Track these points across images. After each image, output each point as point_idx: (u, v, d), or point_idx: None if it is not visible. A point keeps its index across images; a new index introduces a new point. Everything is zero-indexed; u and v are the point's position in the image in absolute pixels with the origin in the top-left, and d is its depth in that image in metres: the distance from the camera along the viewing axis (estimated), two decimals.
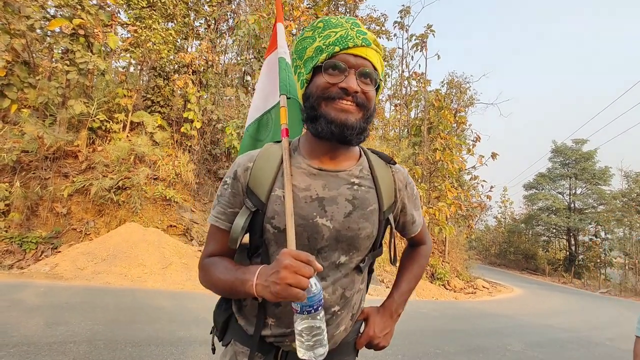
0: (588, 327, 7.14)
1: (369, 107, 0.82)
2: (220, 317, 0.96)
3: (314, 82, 0.82)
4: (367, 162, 0.93)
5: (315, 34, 0.82)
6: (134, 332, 3.53)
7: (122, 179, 8.38)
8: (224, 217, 0.88)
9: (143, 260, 6.74)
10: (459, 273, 14.43)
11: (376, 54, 0.82)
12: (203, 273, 0.89)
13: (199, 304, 5.17)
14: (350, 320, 0.93)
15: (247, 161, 0.89)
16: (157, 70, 10.69)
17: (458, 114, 17.58)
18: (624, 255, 22.66)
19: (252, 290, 0.73)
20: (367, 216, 0.86)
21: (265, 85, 1.41)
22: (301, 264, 0.67)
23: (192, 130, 9.97)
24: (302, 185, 0.84)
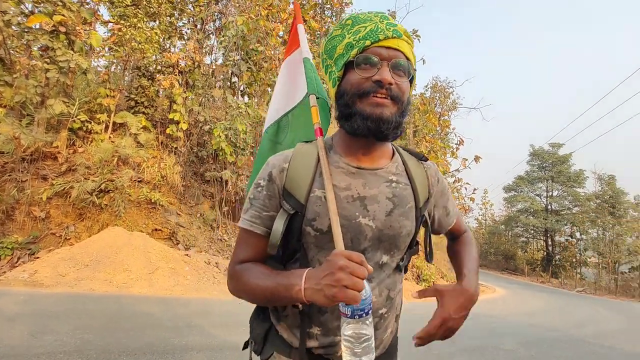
0: (569, 325, 7.37)
1: (403, 99, 0.80)
2: (258, 328, 0.91)
3: (347, 79, 0.81)
4: (400, 160, 0.91)
5: (344, 32, 0.81)
6: (126, 341, 3.39)
7: (105, 182, 8.08)
8: (259, 221, 0.83)
9: (128, 265, 6.51)
10: (444, 274, 14.70)
11: (407, 45, 0.81)
12: (235, 281, 0.83)
13: (190, 309, 5.03)
14: (395, 322, 0.91)
15: (282, 162, 0.85)
16: (141, 70, 10.40)
17: (442, 117, 17.99)
18: (597, 254, 23.65)
19: (301, 295, 0.69)
20: (407, 214, 0.85)
21: (286, 86, 1.37)
22: (355, 264, 0.65)
23: (178, 131, 9.75)
24: (342, 184, 0.82)
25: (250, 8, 11.84)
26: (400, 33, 0.79)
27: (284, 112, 1.32)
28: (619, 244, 22.31)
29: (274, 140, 1.31)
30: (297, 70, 1.31)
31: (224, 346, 3.58)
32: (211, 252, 8.85)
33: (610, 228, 23.32)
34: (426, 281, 12.84)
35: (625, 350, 5.33)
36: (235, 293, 0.85)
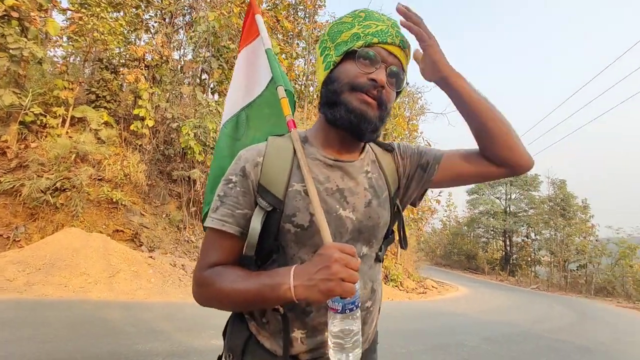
0: (527, 321, 7.82)
1: (388, 107, 0.80)
2: (237, 338, 0.83)
3: (343, 67, 0.79)
4: (372, 151, 0.91)
5: (354, 21, 0.80)
6: (89, 348, 3.18)
7: (61, 180, 7.56)
8: (232, 220, 0.77)
9: (86, 268, 6.12)
10: (410, 274, 15.09)
11: (406, 60, 0.82)
12: (206, 287, 0.75)
13: (154, 313, 4.81)
14: (378, 314, 0.90)
15: (255, 155, 0.80)
16: (104, 62, 9.84)
17: (410, 122, 18.51)
18: (550, 254, 25.27)
19: (290, 293, 0.65)
20: (383, 203, 0.85)
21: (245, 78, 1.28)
22: (349, 256, 0.64)
23: (144, 128, 9.31)
24: (321, 177, 0.80)
25: (222, 4, 11.58)
26: (406, 45, 0.81)
27: (242, 105, 1.24)
28: (569, 244, 23.95)
29: (233, 137, 1.21)
30: (257, 61, 1.24)
31: (190, 351, 3.45)
32: (177, 253, 8.52)
33: (561, 229, 24.97)
34: (394, 281, 13.12)
35: (577, 344, 5.73)
36: (205, 302, 0.77)
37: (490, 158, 0.87)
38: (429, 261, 29.89)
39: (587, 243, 23.72)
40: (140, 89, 9.22)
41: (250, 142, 1.12)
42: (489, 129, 0.83)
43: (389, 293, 11.03)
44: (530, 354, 4.78)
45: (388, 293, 10.97)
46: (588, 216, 26.01)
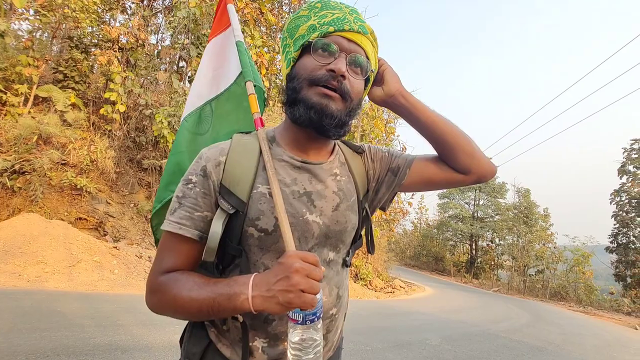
0: (486, 321, 8.18)
1: (353, 97, 0.75)
2: (195, 346, 0.79)
3: (301, 62, 0.76)
4: (342, 152, 0.89)
5: (310, 13, 0.76)
6: (37, 342, 3.01)
7: (21, 162, 7.13)
8: (191, 223, 0.72)
9: (44, 257, 5.80)
10: (380, 273, 15.38)
11: (371, 46, 0.78)
12: (160, 295, 0.71)
13: (116, 306, 4.63)
14: (343, 321, 0.89)
15: (218, 155, 0.76)
16: (74, 40, 9.34)
17: (388, 124, 18.81)
18: (511, 259, 26.52)
19: (247, 304, 0.62)
20: (352, 207, 0.82)
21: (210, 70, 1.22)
22: (312, 266, 0.61)
23: (114, 113, 8.91)
24: (288, 179, 0.76)
25: None
26: (367, 31, 0.76)
27: (207, 99, 1.17)
28: (529, 250, 25.24)
29: (194, 132, 1.14)
30: (226, 52, 1.19)
31: (150, 346, 3.36)
32: (144, 245, 8.25)
33: (523, 235, 26.27)
34: (363, 279, 13.33)
35: (530, 344, 6.06)
36: (158, 310, 0.72)
37: (454, 167, 0.87)
38: (399, 262, 30.55)
39: (546, 250, 25.09)
40: (112, 71, 8.81)
41: (214, 137, 1.08)
42: (448, 141, 0.84)
43: (358, 292, 11.20)
44: (487, 353, 5.01)
45: (357, 292, 11.12)
46: (548, 224, 27.53)
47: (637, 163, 20.71)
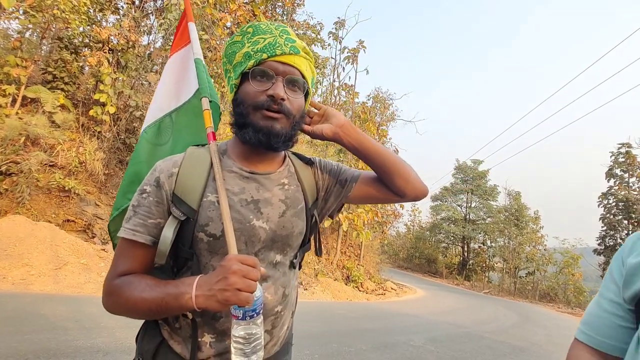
0: (474, 322, 8.28)
1: (295, 114, 0.84)
2: (148, 343, 0.85)
3: (243, 88, 0.83)
4: (291, 163, 0.96)
5: (244, 39, 0.83)
6: (18, 344, 3.02)
7: (7, 163, 7.07)
8: (144, 230, 0.79)
9: (29, 259, 5.77)
10: (372, 275, 15.45)
11: (305, 61, 0.85)
12: (114, 297, 0.77)
13: (101, 309, 4.55)
14: (290, 318, 0.95)
15: (171, 167, 0.83)
16: (64, 41, 9.29)
17: (380, 127, 18.94)
18: (503, 261, 26.80)
19: (191, 303, 0.68)
20: (299, 214, 0.89)
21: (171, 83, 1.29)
22: (249, 267, 0.67)
23: (104, 114, 8.88)
24: (236, 189, 0.83)
25: None
26: (298, 50, 0.83)
27: (167, 111, 1.23)
28: (520, 252, 25.54)
29: (153, 143, 1.20)
30: (185, 68, 1.25)
31: (132, 348, 3.34)
32: None
33: (514, 238, 26.57)
34: (355, 282, 13.38)
35: (513, 344, 6.17)
36: (114, 310, 0.78)
37: (391, 190, 0.96)
38: (392, 264, 30.69)
39: (536, 252, 25.41)
40: (102, 73, 8.78)
41: (173, 148, 1.13)
42: (387, 170, 0.93)
43: (349, 294, 11.25)
44: (469, 353, 5.10)
45: (348, 294, 11.17)
46: (538, 227, 27.87)
47: (623, 167, 21.09)
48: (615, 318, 0.68)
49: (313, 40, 19.30)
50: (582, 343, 0.72)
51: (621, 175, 21.32)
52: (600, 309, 0.71)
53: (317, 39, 19.32)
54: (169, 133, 1.20)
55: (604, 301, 0.71)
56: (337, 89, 18.60)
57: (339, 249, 14.35)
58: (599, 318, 0.71)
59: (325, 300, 9.36)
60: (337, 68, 18.80)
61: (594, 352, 0.70)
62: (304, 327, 5.35)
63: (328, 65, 19.92)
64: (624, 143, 21.16)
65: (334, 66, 19.12)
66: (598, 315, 0.71)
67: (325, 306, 8.00)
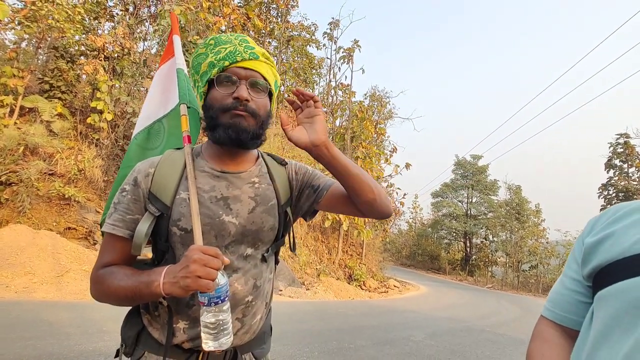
0: (475, 317, 8.32)
1: (261, 113, 0.90)
2: (130, 330, 0.92)
3: (211, 94, 0.90)
4: (264, 163, 1.02)
5: (207, 50, 0.90)
6: (21, 350, 3.07)
7: (7, 173, 7.14)
8: (123, 225, 0.87)
9: (31, 267, 5.83)
10: (374, 274, 15.49)
11: (266, 66, 0.92)
12: (98, 285, 0.85)
13: (103, 314, 4.68)
14: (264, 308, 0.99)
15: (147, 167, 0.90)
16: (60, 50, 9.36)
17: (378, 125, 18.98)
18: (505, 255, 26.81)
19: (159, 289, 0.74)
20: (269, 210, 0.94)
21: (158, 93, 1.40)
22: (209, 257, 0.72)
23: (102, 122, 8.95)
24: (207, 187, 0.90)
25: None
26: (258, 55, 0.90)
27: (155, 118, 1.33)
28: (522, 246, 25.56)
29: (143, 147, 1.30)
30: (170, 79, 1.35)
31: None
32: None
33: (515, 232, 26.60)
34: (357, 280, 13.43)
35: (513, 337, 6.21)
36: (98, 298, 0.86)
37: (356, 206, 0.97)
38: (395, 261, 30.73)
39: (539, 245, 25.40)
40: (99, 80, 8.86)
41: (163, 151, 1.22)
42: (354, 188, 0.93)
43: (351, 292, 11.29)
44: (468, 347, 5.14)
45: (350, 292, 11.22)
46: (540, 220, 27.87)
47: (622, 157, 21.10)
48: (576, 294, 0.72)
49: (308, 41, 19.38)
50: (546, 319, 0.77)
51: (620, 165, 21.32)
52: (563, 286, 0.76)
53: (312, 40, 19.39)
54: (160, 138, 1.29)
55: (566, 279, 0.76)
56: (334, 89, 18.64)
57: (341, 248, 14.39)
58: (562, 295, 0.75)
59: (328, 299, 9.41)
60: (333, 68, 18.83)
61: (557, 327, 0.75)
62: (304, 326, 5.40)
63: (324, 66, 19.99)
64: (622, 133, 21.18)
65: (329, 66, 19.16)
66: (561, 292, 0.76)
67: (327, 305, 8.06)
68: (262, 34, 16.83)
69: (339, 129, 18.05)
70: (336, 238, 14.54)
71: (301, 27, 18.92)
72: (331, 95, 18.86)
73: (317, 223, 13.31)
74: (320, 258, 13.22)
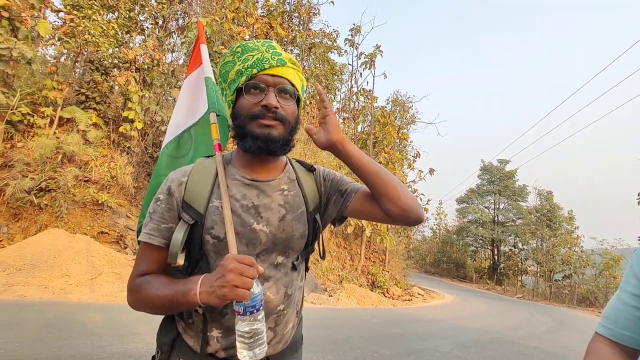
0: (505, 328, 7.97)
1: (290, 120, 0.90)
2: (165, 337, 0.93)
3: (239, 103, 0.90)
4: (293, 170, 1.01)
5: (235, 58, 0.91)
6: (58, 349, 3.22)
7: (46, 180, 7.57)
8: (158, 234, 0.88)
9: (68, 270, 6.13)
10: (398, 281, 15.20)
11: (293, 71, 0.91)
12: (135, 294, 0.86)
13: (134, 316, 4.81)
14: (295, 317, 0.99)
15: (180, 176, 0.91)
16: (95, 63, 9.90)
17: (401, 130, 18.76)
18: (536, 264, 25.62)
19: (196, 299, 0.74)
20: (299, 218, 0.94)
21: (187, 102, 1.41)
22: (245, 266, 0.72)
23: (132, 130, 9.36)
24: (238, 195, 0.90)
25: (216, 10, 11.73)
26: (285, 61, 0.90)
27: (184, 128, 1.35)
28: (554, 254, 24.32)
29: (173, 156, 1.32)
30: (198, 88, 1.37)
31: None
32: None
33: (547, 239, 25.34)
34: (380, 288, 13.22)
35: (547, 350, 5.89)
36: (135, 306, 0.87)
37: (382, 210, 0.94)
38: (419, 269, 30.04)
39: (572, 254, 24.10)
40: (130, 91, 9.28)
41: (191, 160, 1.25)
42: (377, 189, 0.92)
43: (375, 300, 11.13)
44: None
45: (373, 300, 11.06)
46: (573, 227, 26.48)
47: None
48: (635, 311, 0.68)
49: (330, 48, 19.51)
50: (601, 336, 0.73)
51: None
52: (621, 302, 0.71)
53: (334, 47, 19.50)
54: (188, 146, 1.32)
55: (624, 295, 0.71)
56: (356, 94, 18.63)
57: (363, 254, 14.24)
58: (619, 311, 0.71)
59: (350, 306, 9.31)
60: (355, 74, 18.84)
61: (613, 344, 0.70)
62: (328, 333, 5.36)
63: (345, 72, 20.03)
64: None
65: (351, 72, 19.18)
66: (618, 308, 0.71)
67: (350, 312, 7.97)
68: (284, 43, 17.10)
69: (360, 135, 17.98)
70: (359, 244, 14.41)
71: (323, 34, 19.08)
72: (353, 101, 18.85)
73: (340, 229, 13.25)
74: (342, 264, 13.13)
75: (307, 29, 18.37)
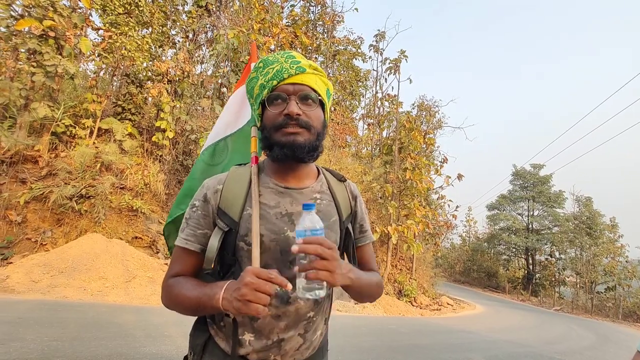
0: (541, 342, 7.55)
1: (316, 125, 0.91)
2: (198, 339, 0.96)
3: (265, 115, 0.93)
4: (325, 179, 1.03)
5: (258, 74, 0.93)
6: (95, 349, 3.38)
7: (86, 187, 8.02)
8: (194, 239, 0.91)
9: (105, 273, 6.43)
10: (425, 290, 14.79)
11: (314, 77, 0.92)
12: (167, 293, 0.89)
13: (165, 319, 4.99)
14: (324, 324, 1.00)
15: (216, 184, 0.94)
16: (130, 77, 10.46)
17: (427, 135, 18.40)
18: (575, 274, 24.13)
19: (219, 304, 0.76)
20: (331, 226, 0.95)
21: (229, 114, 1.49)
22: (262, 281, 0.71)
23: (164, 140, 9.77)
24: (272, 203, 0.92)
25: (243, 22, 12.10)
26: (304, 68, 0.91)
27: (222, 136, 1.43)
28: (596, 264, 22.83)
29: (208, 163, 1.38)
30: (244, 101, 1.44)
31: None
32: None
33: (587, 248, 23.85)
34: (407, 296, 12.92)
35: None
36: (167, 305, 0.90)
37: None
38: (448, 277, 29.10)
39: (616, 264, 22.55)
40: (162, 102, 9.72)
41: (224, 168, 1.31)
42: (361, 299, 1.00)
43: (402, 309, 10.88)
44: None
45: (400, 309, 10.82)
46: (617, 236, 24.78)
47: None
48: None
49: (354, 55, 19.57)
50: None
51: None
52: None
53: (358, 53, 19.54)
54: (224, 155, 1.40)
55: None
56: (380, 100, 18.51)
57: (390, 262, 13.99)
58: None
59: (377, 315, 9.15)
60: (380, 79, 18.75)
61: None
62: (354, 341, 5.29)
63: (370, 78, 19.99)
64: None
65: (376, 78, 19.11)
66: None
67: (377, 321, 7.83)
68: (309, 51, 17.34)
69: (386, 140, 17.81)
70: (385, 252, 14.19)
71: (347, 41, 19.19)
72: (378, 106, 18.75)
73: None
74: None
75: (332, 36, 18.55)
